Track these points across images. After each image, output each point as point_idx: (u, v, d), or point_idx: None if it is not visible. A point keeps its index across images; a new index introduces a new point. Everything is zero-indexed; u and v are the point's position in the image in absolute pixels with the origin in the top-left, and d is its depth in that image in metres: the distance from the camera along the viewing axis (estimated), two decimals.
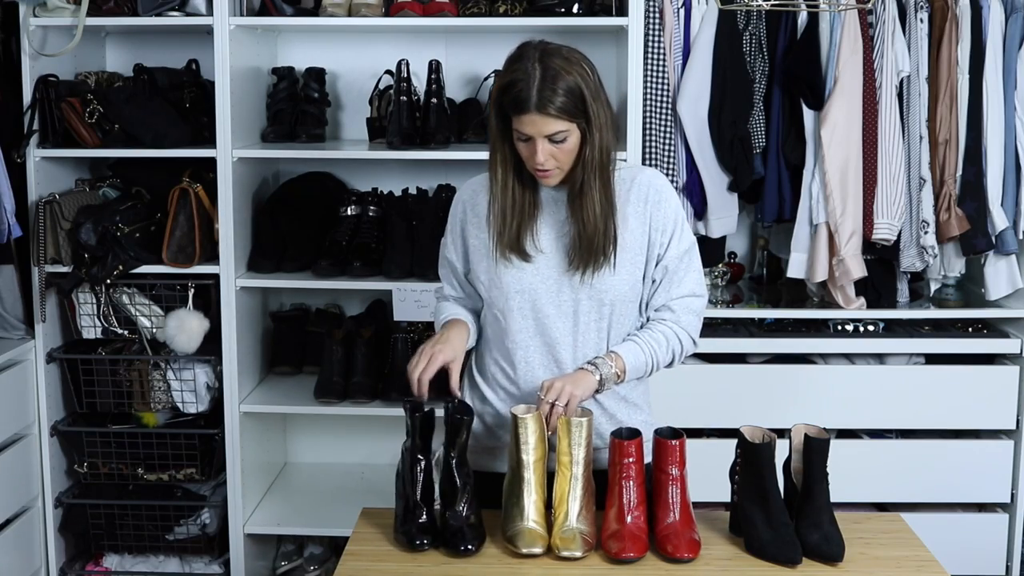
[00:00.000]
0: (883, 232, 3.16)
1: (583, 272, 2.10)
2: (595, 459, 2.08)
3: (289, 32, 3.50)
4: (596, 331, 2.14)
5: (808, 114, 3.19)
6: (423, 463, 2.06)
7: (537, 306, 2.13)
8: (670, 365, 2.17)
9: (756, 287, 3.58)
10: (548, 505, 2.03)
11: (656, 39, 3.14)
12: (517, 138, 2.04)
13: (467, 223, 2.21)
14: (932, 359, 3.30)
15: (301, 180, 3.49)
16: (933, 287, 3.41)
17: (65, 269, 3.11)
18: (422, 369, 2.10)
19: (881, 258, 3.27)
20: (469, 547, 1.99)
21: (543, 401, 2.02)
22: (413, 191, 3.45)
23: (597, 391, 2.09)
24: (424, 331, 3.35)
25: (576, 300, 2.12)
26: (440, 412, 2.08)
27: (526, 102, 1.97)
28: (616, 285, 2.11)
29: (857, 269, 3.17)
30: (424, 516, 2.04)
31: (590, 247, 2.08)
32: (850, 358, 3.31)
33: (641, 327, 2.18)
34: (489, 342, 2.23)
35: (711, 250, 3.30)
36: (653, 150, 3.16)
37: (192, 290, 3.15)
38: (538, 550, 1.97)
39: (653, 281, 2.16)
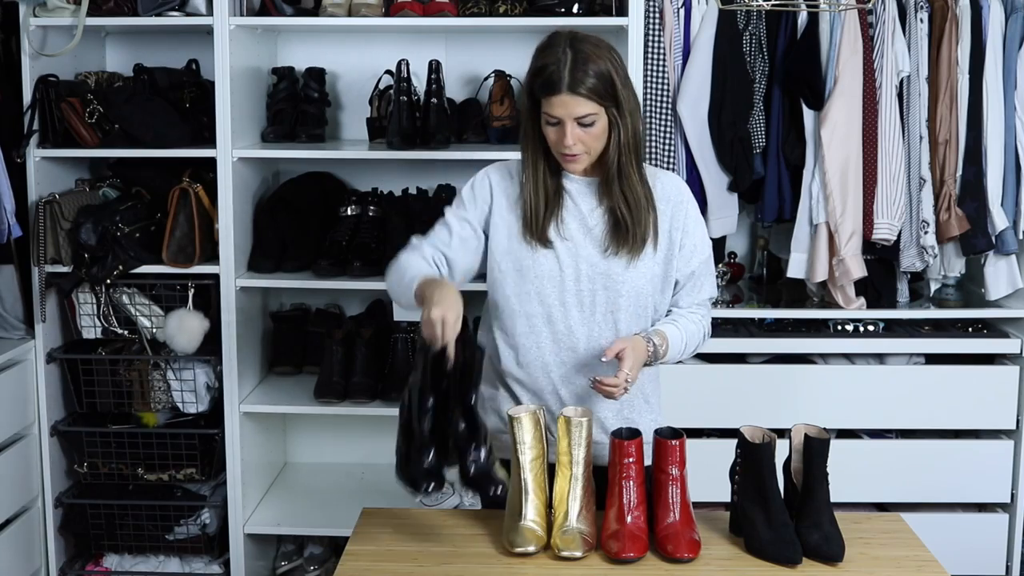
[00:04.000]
0: (883, 232, 3.16)
1: (619, 256, 2.12)
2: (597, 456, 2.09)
3: (289, 32, 3.50)
4: (610, 322, 2.14)
5: (808, 114, 3.19)
6: (432, 400, 1.90)
7: (556, 293, 2.13)
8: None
9: (756, 287, 3.57)
10: (549, 505, 2.03)
11: (656, 39, 3.14)
12: (546, 122, 2.06)
13: (495, 203, 2.18)
14: (932, 359, 3.30)
15: (301, 180, 3.49)
16: (933, 287, 3.41)
17: (65, 269, 3.11)
18: (448, 332, 1.90)
19: (881, 258, 3.27)
20: (499, 491, 1.94)
21: (621, 373, 1.99)
22: (413, 191, 3.45)
23: (646, 363, 2.10)
24: None
25: (593, 291, 2.14)
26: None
27: (558, 83, 2.01)
28: (634, 278, 2.13)
29: (857, 269, 3.17)
30: (431, 458, 1.89)
31: (633, 230, 2.10)
32: (850, 358, 3.31)
33: (668, 314, 2.21)
34: (496, 332, 2.21)
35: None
36: (653, 150, 3.16)
37: (192, 290, 3.15)
38: (532, 548, 1.96)
39: (677, 282, 2.19)
